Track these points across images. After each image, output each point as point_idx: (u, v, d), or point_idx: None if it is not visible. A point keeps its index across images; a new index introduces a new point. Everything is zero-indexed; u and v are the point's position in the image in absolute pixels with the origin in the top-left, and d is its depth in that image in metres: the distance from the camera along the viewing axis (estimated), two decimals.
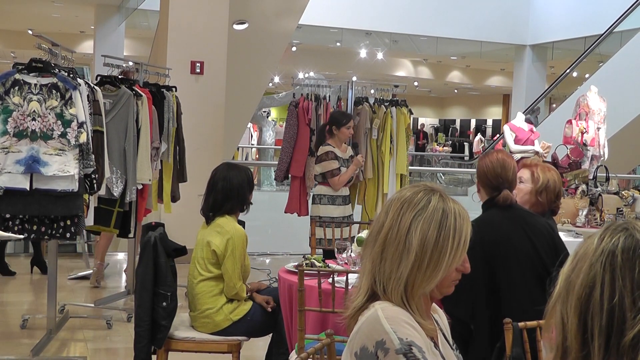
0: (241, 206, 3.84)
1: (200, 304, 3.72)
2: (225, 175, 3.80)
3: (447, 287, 1.74)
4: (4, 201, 4.01)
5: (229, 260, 3.68)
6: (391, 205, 1.73)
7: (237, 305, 3.76)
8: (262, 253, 8.12)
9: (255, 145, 17.28)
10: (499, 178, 3.14)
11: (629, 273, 1.00)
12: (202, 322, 3.73)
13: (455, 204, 1.73)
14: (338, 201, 5.85)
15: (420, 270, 1.66)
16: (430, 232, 1.67)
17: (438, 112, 35.60)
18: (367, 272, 1.71)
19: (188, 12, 7.11)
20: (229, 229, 3.71)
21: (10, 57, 18.52)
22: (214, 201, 3.79)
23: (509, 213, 3.14)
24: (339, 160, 5.76)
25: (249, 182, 3.85)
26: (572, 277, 1.06)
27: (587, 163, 7.72)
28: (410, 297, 1.67)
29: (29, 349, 4.50)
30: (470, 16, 14.79)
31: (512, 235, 3.07)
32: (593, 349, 1.00)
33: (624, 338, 0.98)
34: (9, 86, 4.04)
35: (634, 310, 0.98)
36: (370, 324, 1.62)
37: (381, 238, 1.70)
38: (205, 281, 3.72)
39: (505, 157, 3.21)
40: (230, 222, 3.76)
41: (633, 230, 1.04)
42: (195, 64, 7.06)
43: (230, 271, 3.68)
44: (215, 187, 3.80)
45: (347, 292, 3.19)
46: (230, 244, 3.68)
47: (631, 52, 10.71)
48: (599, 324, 1.00)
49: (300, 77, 15.40)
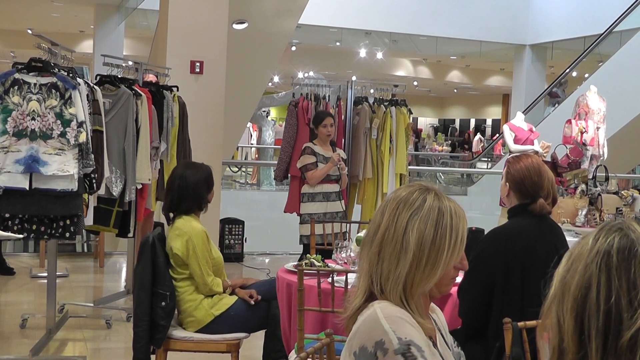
0: (198, 205, 3.78)
1: (182, 304, 3.72)
2: (181, 174, 3.76)
3: (446, 285, 1.75)
4: (4, 201, 4.01)
5: (192, 261, 3.67)
6: (387, 206, 1.74)
7: (219, 300, 3.75)
8: (262, 253, 8.13)
9: (254, 144, 17.28)
10: (535, 186, 3.05)
11: (625, 273, 1.00)
12: (187, 322, 3.73)
13: (451, 202, 1.74)
14: (318, 198, 5.93)
15: (419, 270, 1.67)
16: (427, 231, 1.68)
17: (438, 111, 35.61)
18: (365, 273, 1.72)
19: (188, 12, 7.11)
20: (187, 230, 3.69)
21: (9, 57, 18.51)
22: (171, 200, 3.77)
23: (542, 223, 3.07)
24: (317, 156, 5.86)
25: (206, 180, 3.79)
26: (568, 277, 1.05)
27: (587, 163, 7.71)
28: (410, 297, 1.67)
29: (28, 349, 4.50)
30: (470, 16, 14.79)
31: (541, 245, 3.00)
32: (590, 350, 1.00)
33: (621, 339, 0.98)
34: (8, 86, 4.04)
35: (631, 311, 0.98)
36: (369, 324, 1.62)
37: (378, 239, 1.70)
38: (180, 282, 3.72)
39: (539, 164, 3.11)
40: (188, 222, 3.72)
41: (628, 230, 1.04)
42: (194, 64, 7.05)
43: (197, 270, 3.68)
44: (172, 186, 3.77)
45: (347, 292, 3.19)
46: (189, 244, 3.66)
47: (631, 52, 10.70)
48: (596, 325, 1.00)
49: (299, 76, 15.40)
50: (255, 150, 17.58)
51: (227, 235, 7.62)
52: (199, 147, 6.33)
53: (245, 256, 7.79)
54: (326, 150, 5.94)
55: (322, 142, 5.95)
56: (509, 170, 3.15)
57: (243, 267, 7.50)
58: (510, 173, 3.14)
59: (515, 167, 3.12)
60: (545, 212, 3.08)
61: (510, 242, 2.99)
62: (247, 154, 17.83)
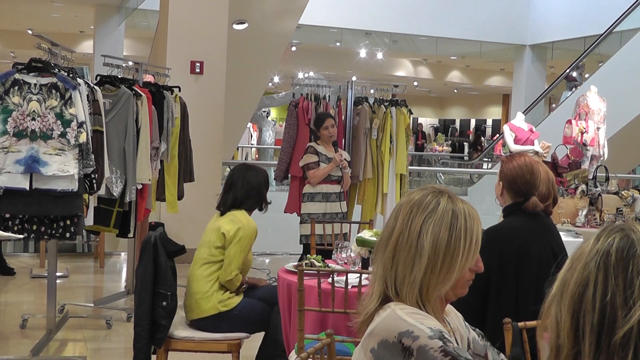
0: (259, 204, 3.97)
1: (194, 287, 3.75)
2: (244, 175, 3.93)
3: (462, 287, 1.74)
4: (4, 201, 4.01)
5: (234, 246, 3.74)
6: (400, 210, 1.72)
7: (228, 297, 3.77)
8: (262, 253, 8.13)
9: (254, 145, 17.28)
10: (528, 185, 3.05)
11: (622, 272, 1.01)
12: (190, 308, 3.75)
13: (465, 205, 1.72)
14: (318, 198, 5.95)
15: (434, 273, 1.66)
16: (441, 234, 1.66)
17: (438, 112, 35.60)
18: (379, 278, 1.70)
19: (188, 12, 7.11)
20: (242, 219, 3.81)
21: (10, 57, 18.52)
22: (234, 199, 3.88)
23: (535, 221, 3.07)
24: (319, 156, 5.91)
25: (266, 182, 4.02)
26: (567, 276, 1.06)
27: (587, 163, 7.71)
28: (426, 300, 1.67)
29: (28, 349, 4.50)
30: (470, 16, 14.79)
31: (535, 244, 3.00)
32: (584, 346, 1.01)
33: (614, 336, 0.98)
34: (8, 86, 4.04)
35: (625, 309, 0.99)
36: (389, 321, 1.61)
37: (392, 243, 1.69)
38: (206, 265, 3.76)
39: (532, 162, 3.11)
40: (245, 214, 3.86)
41: (629, 231, 1.05)
42: (195, 64, 7.06)
43: (232, 256, 3.73)
44: (234, 186, 3.90)
45: (347, 292, 3.20)
46: (240, 232, 3.75)
47: (631, 52, 10.70)
48: (591, 322, 1.01)
49: (300, 77, 15.40)
50: (255, 150, 17.59)
51: None
52: (199, 147, 6.34)
53: None
54: (329, 151, 5.96)
55: (324, 142, 5.99)
56: (502, 169, 3.17)
57: None
58: (503, 172, 3.15)
59: (508, 166, 3.13)
60: (539, 210, 3.07)
61: (505, 242, 2.99)
62: (247, 154, 17.83)
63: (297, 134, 6.43)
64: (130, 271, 5.98)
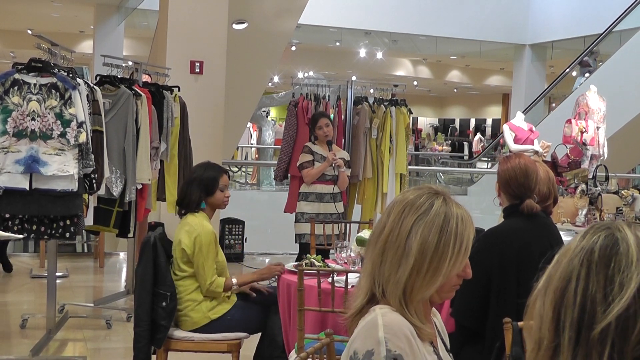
0: (205, 190, 3.75)
1: (180, 302, 3.69)
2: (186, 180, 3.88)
3: (448, 292, 1.72)
4: (4, 201, 4.01)
5: (197, 258, 3.65)
6: (393, 208, 1.71)
7: (217, 303, 3.73)
8: (262, 253, 8.13)
9: (254, 144, 17.29)
10: (521, 187, 3.05)
11: (604, 269, 1.03)
12: (182, 320, 3.72)
13: (459, 208, 1.69)
14: (311, 198, 5.94)
15: (419, 276, 1.64)
16: (430, 237, 1.64)
17: (437, 111, 35.61)
18: (368, 274, 1.70)
19: (187, 12, 7.11)
20: (197, 227, 3.68)
21: (9, 57, 18.51)
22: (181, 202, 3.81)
23: (534, 222, 3.06)
24: (314, 155, 5.90)
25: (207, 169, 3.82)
26: (552, 271, 1.09)
27: (587, 162, 7.72)
28: (409, 301, 1.65)
29: (28, 349, 4.50)
30: (470, 16, 14.79)
31: (535, 244, 3.00)
32: (563, 340, 1.03)
33: (593, 331, 1.00)
34: (8, 86, 4.04)
35: (604, 305, 1.00)
36: (368, 330, 1.60)
37: (382, 240, 1.68)
38: (181, 280, 3.70)
39: (527, 163, 3.09)
40: (197, 218, 3.73)
41: (615, 230, 1.07)
42: (194, 64, 7.05)
43: (200, 267, 3.65)
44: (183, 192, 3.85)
45: (347, 292, 3.20)
46: (197, 241, 3.64)
47: (630, 52, 10.71)
48: (571, 316, 1.03)
49: (299, 76, 15.41)
50: (255, 150, 17.60)
51: (227, 235, 7.63)
52: (199, 147, 6.33)
53: (245, 256, 7.79)
54: (324, 150, 5.95)
55: (321, 142, 5.99)
56: (498, 170, 3.17)
57: (243, 267, 7.50)
58: (499, 173, 3.15)
59: (503, 168, 3.12)
60: (536, 212, 3.07)
61: (505, 244, 2.99)
62: (247, 154, 17.85)
63: (296, 134, 6.43)
64: (130, 271, 5.98)
